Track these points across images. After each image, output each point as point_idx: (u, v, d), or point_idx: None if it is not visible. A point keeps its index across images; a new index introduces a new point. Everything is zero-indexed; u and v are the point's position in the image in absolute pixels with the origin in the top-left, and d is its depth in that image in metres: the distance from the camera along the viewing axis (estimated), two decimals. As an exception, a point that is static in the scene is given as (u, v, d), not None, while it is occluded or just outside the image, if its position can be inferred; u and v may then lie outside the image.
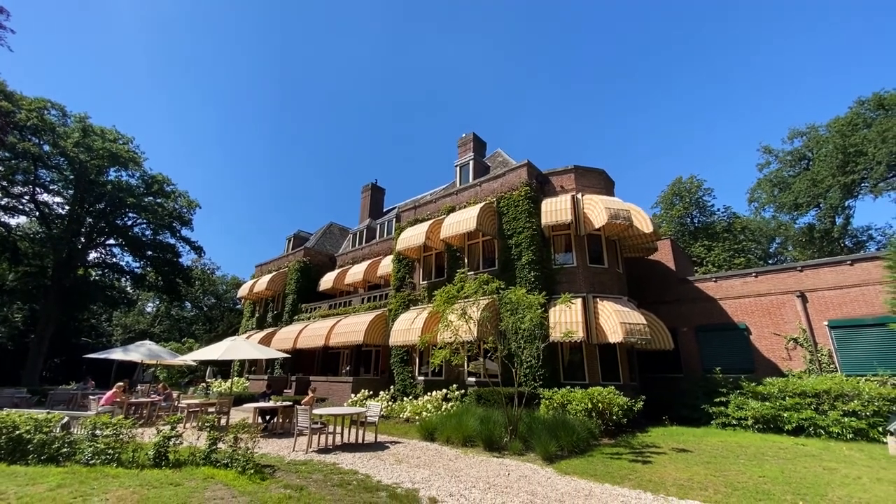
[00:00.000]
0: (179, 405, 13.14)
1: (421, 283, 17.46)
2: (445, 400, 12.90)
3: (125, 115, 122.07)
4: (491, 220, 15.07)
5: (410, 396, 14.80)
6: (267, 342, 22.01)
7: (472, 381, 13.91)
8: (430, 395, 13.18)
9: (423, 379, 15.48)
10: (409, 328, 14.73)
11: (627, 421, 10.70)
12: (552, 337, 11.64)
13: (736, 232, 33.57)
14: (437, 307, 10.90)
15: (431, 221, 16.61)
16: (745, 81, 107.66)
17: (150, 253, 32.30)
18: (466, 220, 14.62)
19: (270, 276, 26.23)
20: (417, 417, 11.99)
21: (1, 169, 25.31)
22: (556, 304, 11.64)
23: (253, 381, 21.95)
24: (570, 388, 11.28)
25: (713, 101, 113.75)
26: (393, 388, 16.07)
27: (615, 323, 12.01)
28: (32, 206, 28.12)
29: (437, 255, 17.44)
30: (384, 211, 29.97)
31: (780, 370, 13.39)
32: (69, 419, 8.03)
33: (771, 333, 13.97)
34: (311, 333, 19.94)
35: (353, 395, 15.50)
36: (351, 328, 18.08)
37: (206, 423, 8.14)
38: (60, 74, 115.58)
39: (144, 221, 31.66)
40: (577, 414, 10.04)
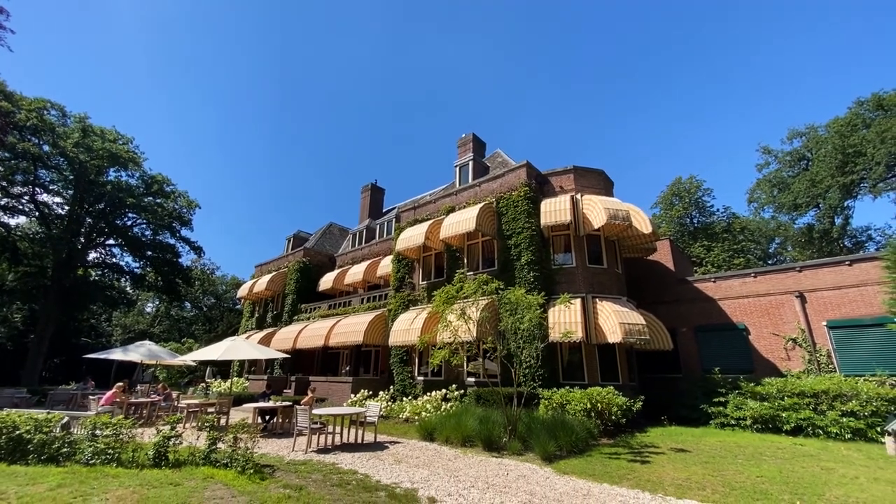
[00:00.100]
0: (179, 405, 13.15)
1: (420, 283, 17.48)
2: (445, 400, 12.93)
3: (125, 115, 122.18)
4: (490, 220, 15.10)
5: (410, 396, 14.82)
6: (266, 342, 22.03)
7: (471, 381, 13.94)
8: (429, 395, 13.20)
9: (422, 379, 15.50)
10: (408, 328, 14.75)
11: (626, 421, 10.73)
12: (551, 337, 11.67)
13: (735, 232, 33.60)
14: (436, 307, 10.92)
15: (431, 222, 16.63)
16: (744, 81, 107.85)
17: (149, 253, 32.34)
18: (466, 220, 14.65)
19: (270, 276, 26.25)
20: (417, 417, 12.01)
21: (1, 169, 25.34)
22: (555, 304, 11.66)
23: (252, 381, 21.97)
24: (569, 388, 11.30)
25: (713, 101, 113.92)
26: (392, 388, 16.09)
27: (614, 323, 12.03)
28: (32, 206, 28.15)
29: (436, 255, 17.46)
30: (384, 211, 29.98)
31: (778, 370, 13.42)
32: (69, 419, 8.05)
33: (770, 334, 14.00)
34: (310, 333, 19.97)
35: (352, 395, 15.52)
36: (350, 328, 18.10)
37: (205, 423, 8.16)
38: (60, 74, 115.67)
39: (144, 221, 31.71)
40: (576, 414, 10.06)
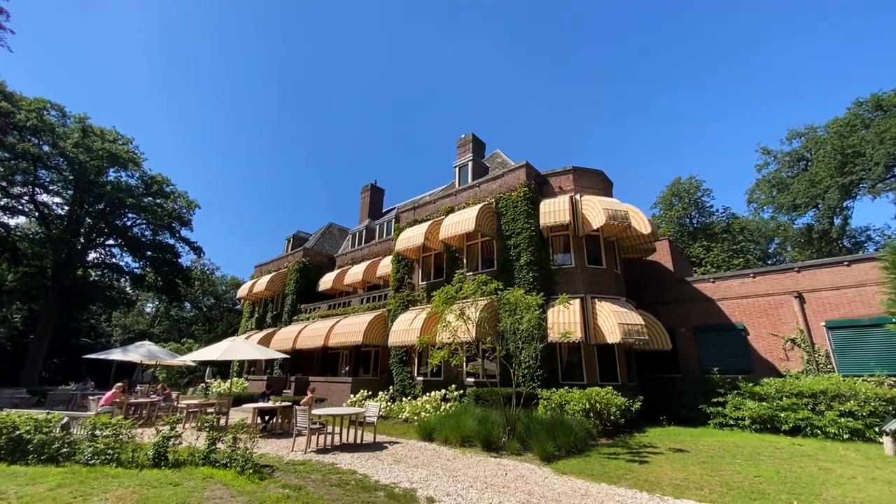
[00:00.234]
0: (179, 405, 13.16)
1: (420, 283, 17.50)
2: (444, 400, 12.94)
3: (125, 115, 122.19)
4: (490, 220, 15.12)
5: (409, 397, 14.83)
6: (266, 343, 22.05)
7: (470, 381, 13.95)
8: (428, 395, 13.21)
9: (421, 379, 15.51)
10: (407, 329, 14.76)
11: (625, 421, 10.75)
12: (550, 337, 11.69)
13: (735, 232, 33.63)
14: (435, 308, 10.93)
15: (430, 222, 16.65)
16: (744, 81, 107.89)
17: (149, 253, 32.36)
18: (465, 220, 14.67)
19: (270, 276, 26.26)
20: (416, 418, 12.02)
21: (1, 169, 25.34)
22: (554, 304, 11.66)
23: (252, 381, 21.97)
24: (568, 388, 11.32)
25: (713, 101, 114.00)
26: (392, 388, 16.10)
27: (613, 323, 12.05)
28: (32, 206, 28.15)
29: (436, 255, 17.48)
30: (383, 211, 29.99)
31: (777, 370, 13.43)
32: (69, 419, 8.06)
33: (769, 334, 14.02)
34: (310, 334, 19.98)
35: (352, 395, 15.53)
36: (350, 328, 18.11)
37: (205, 423, 8.19)
38: (60, 75, 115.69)
39: (144, 222, 31.72)
40: (574, 414, 10.08)
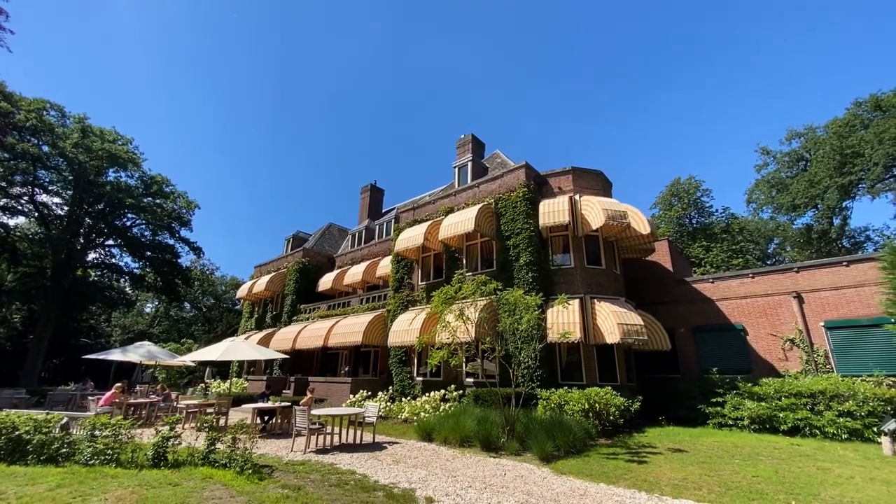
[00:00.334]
0: (178, 406, 13.17)
1: (419, 283, 17.51)
2: (443, 400, 12.95)
3: (125, 115, 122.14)
4: (489, 221, 15.13)
5: (409, 397, 14.84)
6: (266, 343, 22.06)
7: (470, 381, 13.97)
8: (428, 395, 13.22)
9: (421, 380, 15.53)
10: (407, 329, 14.78)
11: (624, 421, 10.76)
12: (550, 337, 11.71)
13: (734, 233, 33.64)
14: (435, 308, 10.94)
15: (430, 222, 16.66)
16: (744, 82, 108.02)
17: (149, 253, 32.36)
18: (465, 221, 14.68)
19: (269, 276, 26.27)
20: (415, 418, 12.03)
21: (0, 169, 25.34)
22: (553, 304, 11.69)
23: (252, 381, 21.98)
24: (567, 388, 11.33)
25: (712, 101, 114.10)
26: (391, 388, 16.11)
27: (612, 324, 12.06)
28: (31, 206, 28.15)
29: (435, 255, 17.49)
30: (383, 212, 30.00)
31: (776, 371, 13.46)
32: (68, 420, 8.07)
33: (768, 334, 14.04)
34: (309, 334, 19.99)
35: (351, 395, 15.53)
36: (350, 329, 18.12)
37: (204, 423, 8.21)
38: (60, 75, 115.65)
39: (143, 222, 31.72)
40: (574, 414, 10.09)
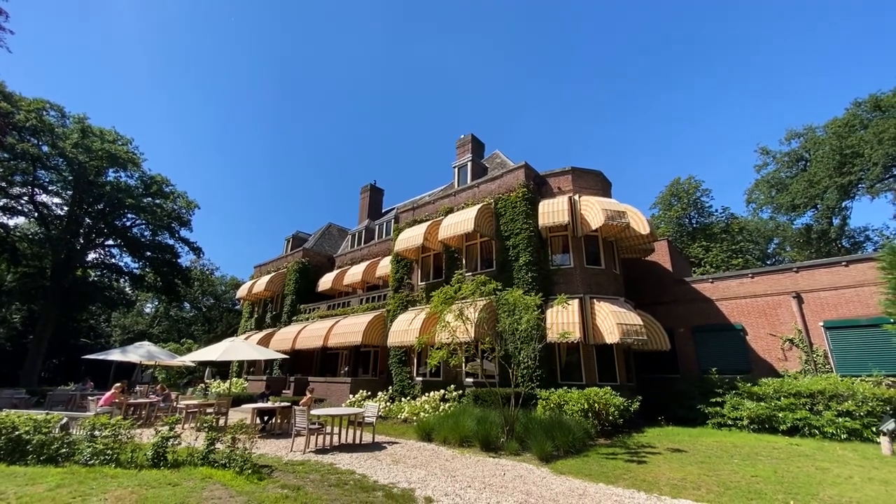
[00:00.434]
0: (178, 406, 13.18)
1: (419, 283, 17.52)
2: (443, 400, 12.96)
3: (125, 115, 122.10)
4: (489, 221, 15.14)
5: (408, 397, 14.85)
6: (266, 343, 22.07)
7: (469, 381, 13.98)
8: (427, 395, 13.23)
9: (421, 380, 15.54)
10: (407, 329, 14.79)
11: (624, 421, 10.76)
12: (549, 338, 11.72)
13: (734, 233, 33.63)
14: (434, 308, 10.95)
15: (430, 222, 16.67)
16: (744, 82, 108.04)
17: (148, 254, 32.36)
18: (464, 221, 14.69)
19: (269, 276, 26.28)
20: (415, 418, 12.04)
21: (0, 170, 25.35)
22: (552, 304, 11.71)
23: (252, 381, 21.98)
24: (567, 388, 11.33)
25: (712, 101, 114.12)
26: (391, 388, 16.12)
27: (612, 324, 12.07)
28: (31, 206, 28.15)
29: (435, 255, 17.50)
30: (383, 212, 30.00)
31: (776, 371, 13.47)
32: (68, 420, 8.07)
33: (767, 334, 14.05)
34: (309, 334, 20.00)
35: (351, 395, 15.54)
36: (349, 329, 18.13)
37: (204, 423, 8.22)
38: (60, 75, 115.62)
39: (143, 222, 31.72)
40: (573, 414, 10.10)
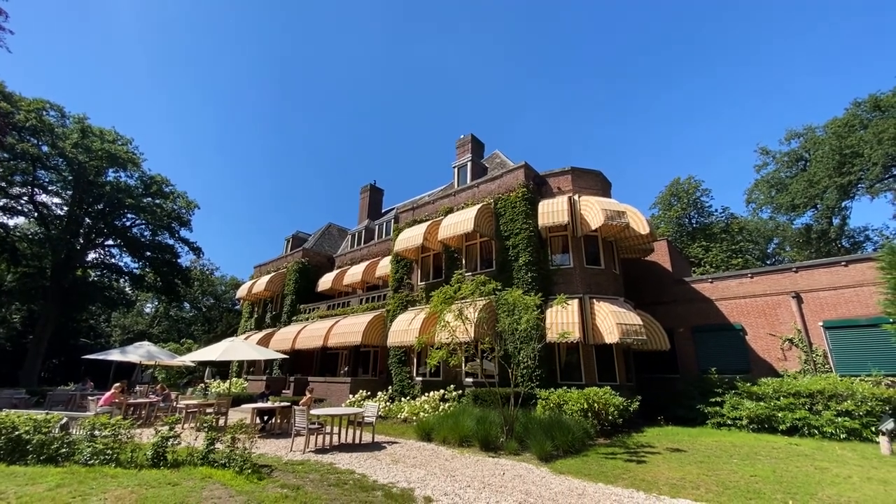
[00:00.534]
0: (178, 406, 13.18)
1: (419, 283, 17.53)
2: (443, 400, 12.96)
3: (125, 115, 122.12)
4: (488, 221, 15.15)
5: (408, 397, 14.86)
6: (265, 343, 22.07)
7: (469, 381, 13.98)
8: (427, 395, 13.23)
9: (420, 379, 15.54)
10: (406, 329, 14.79)
11: (623, 421, 10.76)
12: (549, 338, 11.73)
13: (734, 233, 33.63)
14: (434, 308, 10.96)
15: (429, 222, 16.68)
16: (744, 82, 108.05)
17: (148, 254, 32.36)
18: (464, 221, 14.70)
19: (269, 276, 26.28)
20: (415, 418, 12.04)
21: (0, 169, 25.35)
22: (552, 304, 11.72)
23: (251, 381, 21.99)
24: (566, 388, 11.34)
25: (712, 101, 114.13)
26: (391, 388, 16.13)
27: (612, 324, 12.08)
28: (31, 206, 28.15)
29: (434, 255, 17.50)
30: (383, 212, 30.00)
31: (775, 370, 13.48)
32: (68, 420, 8.07)
33: (766, 334, 14.06)
34: (309, 334, 20.00)
35: (351, 395, 15.55)
36: (349, 329, 18.14)
37: (204, 423, 8.22)
38: (60, 75, 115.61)
39: (143, 222, 31.73)
40: (573, 414, 10.11)
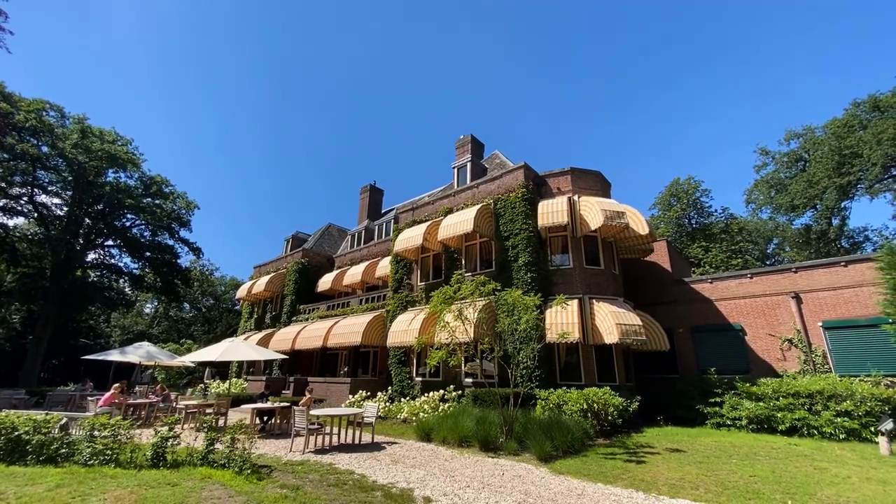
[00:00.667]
0: (177, 406, 13.19)
1: (419, 284, 17.53)
2: (442, 401, 12.97)
3: (125, 115, 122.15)
4: (488, 221, 15.15)
5: (408, 397, 14.86)
6: (265, 343, 22.07)
7: (469, 381, 13.99)
8: (427, 395, 13.23)
9: (420, 380, 15.55)
10: (406, 329, 14.80)
11: (623, 421, 10.77)
12: (548, 338, 11.73)
13: (733, 233, 33.63)
14: (434, 308, 10.96)
15: (429, 223, 16.68)
16: (744, 81, 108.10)
17: (148, 254, 32.32)
18: (464, 221, 14.70)
19: (269, 277, 26.28)
20: (414, 418, 12.05)
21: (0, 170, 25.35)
22: (552, 305, 11.73)
23: (251, 382, 22.00)
24: (566, 388, 11.35)
25: (712, 101, 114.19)
26: (391, 388, 16.13)
27: (611, 324, 12.09)
28: (31, 207, 28.12)
29: (434, 256, 17.51)
30: (383, 212, 30.00)
31: (774, 371, 13.48)
32: (67, 420, 8.08)
33: (766, 334, 14.07)
34: (309, 334, 20.00)
35: (350, 395, 15.55)
36: (349, 329, 18.14)
37: (203, 423, 8.22)
38: (60, 75, 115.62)
39: (143, 222, 31.70)
40: (572, 414, 10.11)
